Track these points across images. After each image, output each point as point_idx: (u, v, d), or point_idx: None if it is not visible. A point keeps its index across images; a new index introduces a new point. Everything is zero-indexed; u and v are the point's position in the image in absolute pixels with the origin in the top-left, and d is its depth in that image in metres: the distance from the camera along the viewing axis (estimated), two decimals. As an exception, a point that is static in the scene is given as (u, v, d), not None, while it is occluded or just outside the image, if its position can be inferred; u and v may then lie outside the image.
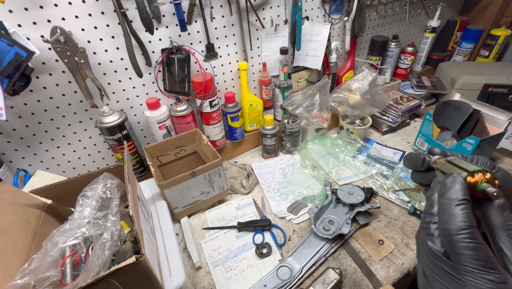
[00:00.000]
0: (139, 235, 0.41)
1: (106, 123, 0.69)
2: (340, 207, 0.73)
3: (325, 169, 0.89)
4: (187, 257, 0.67)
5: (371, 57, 1.14)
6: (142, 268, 0.38)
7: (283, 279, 0.59)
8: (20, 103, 0.64)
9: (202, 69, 0.78)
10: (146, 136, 0.87)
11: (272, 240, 0.69)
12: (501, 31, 1.16)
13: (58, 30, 0.57)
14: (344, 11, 0.99)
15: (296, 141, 0.96)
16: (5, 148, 0.68)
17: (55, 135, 0.72)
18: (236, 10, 0.78)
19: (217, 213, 0.78)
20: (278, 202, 0.79)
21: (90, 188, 0.50)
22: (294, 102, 0.91)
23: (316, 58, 0.94)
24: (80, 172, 0.81)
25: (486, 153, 0.82)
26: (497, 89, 0.99)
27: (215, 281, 0.62)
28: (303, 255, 0.64)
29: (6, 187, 0.50)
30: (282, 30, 0.90)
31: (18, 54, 0.53)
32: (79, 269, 0.45)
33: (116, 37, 0.67)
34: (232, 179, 0.86)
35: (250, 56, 0.90)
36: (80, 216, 0.46)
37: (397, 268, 0.62)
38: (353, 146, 0.96)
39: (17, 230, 0.46)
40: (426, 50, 1.26)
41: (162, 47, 0.73)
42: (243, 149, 1.02)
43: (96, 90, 0.66)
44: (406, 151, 0.95)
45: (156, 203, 0.70)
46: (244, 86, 0.89)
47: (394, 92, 1.15)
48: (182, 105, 0.80)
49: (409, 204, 0.75)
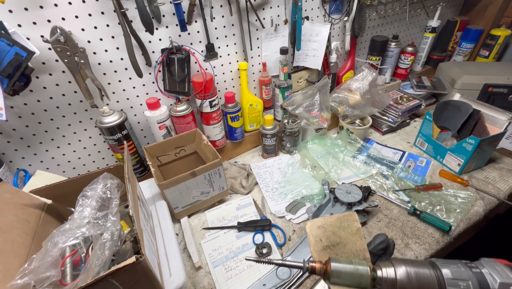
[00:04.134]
0: (139, 235, 0.41)
1: (106, 123, 0.69)
2: (338, 206, 0.74)
3: (325, 168, 0.89)
4: (187, 257, 0.67)
5: (371, 57, 1.14)
6: (142, 268, 0.38)
7: (282, 279, 0.59)
8: (20, 103, 0.64)
9: (202, 69, 0.78)
10: (146, 136, 0.87)
11: (272, 240, 0.69)
12: (501, 31, 1.16)
13: (58, 30, 0.57)
14: (344, 11, 0.99)
15: (296, 141, 0.96)
16: (5, 148, 0.68)
17: (55, 135, 0.72)
18: (236, 10, 0.78)
19: (217, 213, 0.78)
20: (277, 202, 0.79)
21: (90, 188, 0.50)
22: (294, 102, 0.91)
23: (316, 58, 0.94)
24: (80, 172, 0.81)
25: (486, 153, 0.83)
26: (497, 89, 0.99)
27: (215, 281, 0.62)
28: (302, 254, 0.64)
29: (6, 187, 0.50)
30: (282, 30, 0.90)
31: (18, 54, 0.53)
32: (79, 269, 0.45)
33: (116, 37, 0.67)
34: (232, 179, 0.86)
35: (250, 56, 0.90)
36: (80, 216, 0.46)
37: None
38: (353, 146, 0.96)
39: (17, 230, 0.46)
40: (426, 50, 1.26)
41: (162, 47, 0.73)
42: (243, 149, 1.02)
43: (96, 90, 0.66)
44: (406, 151, 0.95)
45: (156, 203, 0.70)
46: (244, 86, 0.89)
47: (394, 92, 1.15)
48: (182, 105, 0.80)
49: (409, 204, 0.75)
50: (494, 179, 0.81)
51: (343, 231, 0.41)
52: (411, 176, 0.84)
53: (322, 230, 0.41)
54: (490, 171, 0.84)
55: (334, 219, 0.42)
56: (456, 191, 0.77)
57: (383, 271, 0.35)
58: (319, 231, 0.41)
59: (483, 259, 0.35)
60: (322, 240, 0.40)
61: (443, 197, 0.75)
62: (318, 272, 0.37)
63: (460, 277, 0.33)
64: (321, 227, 0.41)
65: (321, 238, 0.40)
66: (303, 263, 0.38)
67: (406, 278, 0.34)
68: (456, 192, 0.77)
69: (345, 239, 0.40)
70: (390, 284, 0.34)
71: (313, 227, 0.41)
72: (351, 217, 0.42)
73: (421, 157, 0.92)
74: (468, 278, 0.32)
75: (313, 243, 0.40)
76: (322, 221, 0.42)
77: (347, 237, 0.40)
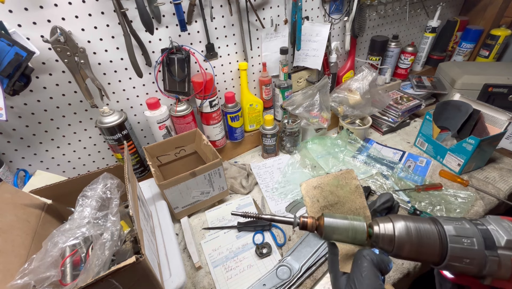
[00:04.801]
0: (139, 235, 0.41)
1: (106, 123, 0.69)
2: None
3: (325, 168, 0.89)
4: (187, 257, 0.67)
5: (371, 57, 1.14)
6: (142, 268, 0.38)
7: (282, 279, 0.59)
8: (20, 103, 0.64)
9: (202, 69, 0.78)
10: (146, 136, 0.87)
11: (272, 240, 0.69)
12: (501, 31, 1.16)
13: (58, 30, 0.57)
14: (344, 11, 0.99)
15: (296, 141, 0.96)
16: (5, 148, 0.68)
17: (55, 135, 0.72)
18: (236, 10, 0.78)
19: (217, 213, 0.78)
20: (277, 202, 0.79)
21: (90, 188, 0.50)
22: (294, 102, 0.91)
23: (316, 58, 0.94)
24: (80, 172, 0.81)
25: (486, 153, 0.83)
26: (497, 89, 0.99)
27: (215, 281, 0.62)
28: (302, 254, 0.64)
29: (6, 187, 0.50)
30: (282, 30, 0.90)
31: (18, 54, 0.53)
32: (79, 269, 0.45)
33: (116, 37, 0.67)
34: (232, 179, 0.86)
35: (250, 56, 0.90)
36: (80, 216, 0.46)
37: (397, 268, 0.62)
38: (353, 146, 0.96)
39: (17, 230, 0.46)
40: (426, 50, 1.26)
41: (162, 47, 0.73)
42: (243, 149, 1.02)
43: (96, 90, 0.66)
44: (406, 151, 0.95)
45: (156, 203, 0.70)
46: (244, 86, 0.89)
47: (394, 92, 1.15)
48: (182, 105, 0.80)
49: (409, 204, 0.75)
50: (494, 179, 0.81)
51: (341, 189, 0.39)
52: (411, 176, 0.84)
53: (319, 190, 0.39)
54: (490, 171, 0.84)
55: (331, 177, 0.40)
56: (456, 191, 0.77)
57: (381, 227, 0.33)
58: (316, 191, 0.39)
59: (489, 216, 0.33)
60: (320, 201, 0.38)
61: (443, 197, 0.75)
62: (310, 227, 0.35)
63: (464, 234, 0.30)
64: (318, 187, 0.39)
65: (318, 198, 0.38)
66: (294, 218, 0.36)
67: (405, 234, 0.31)
68: (456, 192, 0.77)
69: (344, 197, 0.38)
70: (387, 240, 0.32)
71: (308, 188, 0.39)
72: (349, 174, 0.39)
73: (421, 157, 0.92)
74: (473, 235, 0.30)
75: (309, 204, 0.38)
76: (318, 180, 0.39)
77: (346, 195, 0.39)
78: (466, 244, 0.30)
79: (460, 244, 0.30)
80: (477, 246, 0.29)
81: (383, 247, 0.32)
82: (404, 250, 0.31)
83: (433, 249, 0.31)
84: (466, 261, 0.29)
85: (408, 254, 0.31)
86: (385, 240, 0.32)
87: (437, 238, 0.31)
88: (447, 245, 0.30)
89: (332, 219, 0.34)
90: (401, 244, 0.31)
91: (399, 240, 0.31)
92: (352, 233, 0.33)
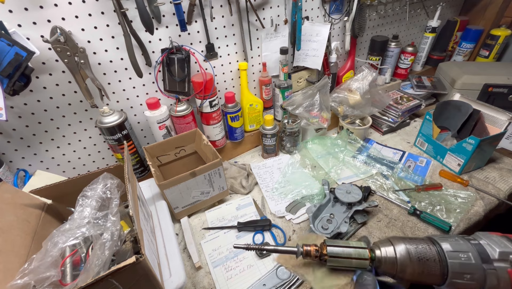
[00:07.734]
0: (139, 235, 0.41)
1: (106, 123, 0.69)
2: (338, 206, 0.74)
3: (325, 168, 0.89)
4: (187, 257, 0.67)
5: (371, 57, 1.14)
6: (142, 268, 0.38)
7: (282, 279, 0.59)
8: (20, 103, 0.64)
9: (202, 69, 0.78)
10: (146, 136, 0.87)
11: (272, 240, 0.69)
12: (501, 31, 1.16)
13: (58, 30, 0.57)
14: (344, 11, 0.99)
15: (296, 141, 0.96)
16: (5, 148, 0.68)
17: (55, 135, 0.72)
18: (236, 10, 0.78)
19: (217, 213, 0.78)
20: (277, 202, 0.79)
21: (90, 188, 0.50)
22: (294, 102, 0.91)
23: (316, 58, 0.94)
24: (80, 172, 0.81)
25: (486, 153, 0.83)
26: (497, 89, 0.99)
27: (215, 281, 0.62)
28: (303, 255, 0.64)
29: (6, 187, 0.50)
30: (282, 30, 0.90)
31: (18, 54, 0.53)
32: (79, 269, 0.45)
33: (116, 37, 0.67)
34: (232, 179, 0.86)
35: (250, 56, 0.90)
36: (80, 216, 0.46)
37: None
38: (353, 146, 0.96)
39: (17, 230, 0.46)
40: (426, 50, 1.26)
41: (162, 47, 0.73)
42: (243, 149, 1.02)
43: (96, 90, 0.66)
44: (406, 151, 0.95)
45: (156, 203, 0.70)
46: (244, 86, 0.89)
47: (394, 92, 1.15)
48: (182, 105, 0.80)
49: (409, 204, 0.75)
50: (494, 179, 0.81)
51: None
52: (411, 176, 0.84)
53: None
54: (490, 171, 0.84)
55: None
56: (456, 191, 0.77)
57: (382, 251, 0.34)
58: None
59: (478, 233, 0.35)
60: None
61: (443, 197, 0.75)
62: (313, 255, 0.36)
63: (459, 249, 0.32)
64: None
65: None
66: (297, 247, 0.37)
67: (406, 256, 0.32)
68: (456, 192, 0.77)
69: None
70: (390, 263, 0.33)
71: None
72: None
73: (421, 157, 0.92)
74: (468, 250, 0.32)
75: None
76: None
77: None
78: (463, 258, 0.31)
79: (458, 259, 0.31)
80: (474, 260, 0.31)
81: (385, 270, 0.33)
82: (407, 271, 0.32)
83: (434, 268, 0.32)
84: (467, 276, 0.30)
85: (411, 276, 0.32)
86: (388, 263, 0.33)
87: (437, 257, 0.32)
88: (446, 262, 0.31)
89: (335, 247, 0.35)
90: (404, 265, 0.32)
91: (401, 262, 0.32)
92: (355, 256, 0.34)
